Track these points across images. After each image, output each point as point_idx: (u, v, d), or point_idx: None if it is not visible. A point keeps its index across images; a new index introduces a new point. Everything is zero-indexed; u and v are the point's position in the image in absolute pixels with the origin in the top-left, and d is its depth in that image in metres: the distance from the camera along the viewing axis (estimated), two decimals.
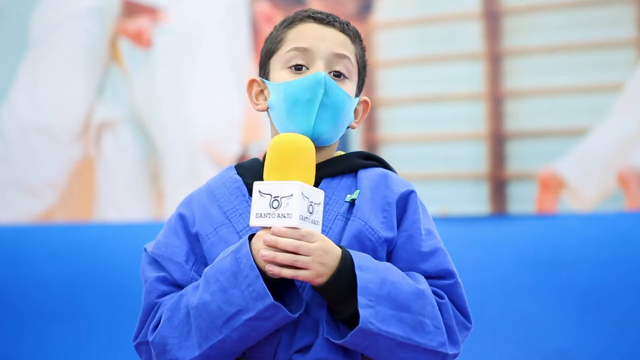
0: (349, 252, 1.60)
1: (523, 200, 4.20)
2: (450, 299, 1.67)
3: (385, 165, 1.82)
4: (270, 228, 1.56)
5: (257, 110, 1.80)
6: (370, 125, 4.40)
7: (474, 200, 4.24)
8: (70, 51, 4.70)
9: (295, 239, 1.55)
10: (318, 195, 1.59)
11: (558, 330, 3.97)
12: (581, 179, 4.14)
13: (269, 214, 1.55)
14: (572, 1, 4.20)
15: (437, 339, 1.61)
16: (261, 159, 1.80)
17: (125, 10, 4.66)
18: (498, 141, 4.26)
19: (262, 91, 1.79)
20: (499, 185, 4.25)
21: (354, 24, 1.81)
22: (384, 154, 4.36)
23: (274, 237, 1.55)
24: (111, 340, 4.30)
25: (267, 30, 1.80)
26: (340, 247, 1.61)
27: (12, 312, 4.45)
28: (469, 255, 4.04)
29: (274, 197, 1.55)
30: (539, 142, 4.22)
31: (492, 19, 4.27)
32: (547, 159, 4.17)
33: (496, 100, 4.26)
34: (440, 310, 1.64)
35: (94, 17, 4.69)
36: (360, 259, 1.60)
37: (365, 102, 1.83)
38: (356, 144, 4.38)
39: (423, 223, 1.72)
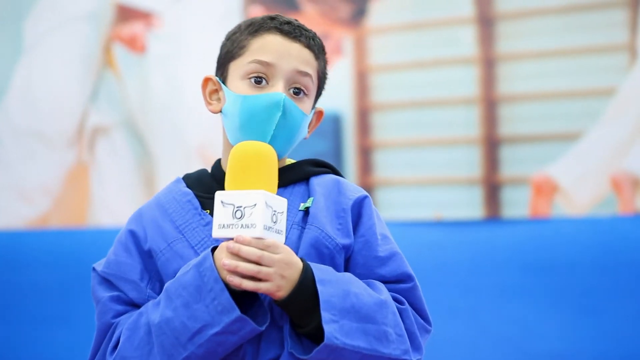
0: (309, 266, 1.57)
1: (517, 204, 4.21)
2: (409, 303, 1.66)
3: (336, 172, 1.77)
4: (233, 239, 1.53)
5: (210, 111, 1.77)
6: (364, 130, 4.40)
7: (468, 205, 4.25)
8: (64, 56, 4.70)
9: (259, 248, 1.52)
10: (281, 203, 1.55)
11: (552, 333, 3.97)
12: (575, 183, 4.15)
13: (232, 224, 1.52)
14: (566, 6, 4.21)
15: (400, 347, 1.60)
16: (209, 170, 1.78)
17: (119, 15, 4.66)
18: (492, 146, 4.27)
19: (216, 90, 1.76)
20: (492, 189, 4.26)
21: (348, 28, 1.79)
22: (378, 159, 4.37)
23: (237, 245, 1.51)
24: None
25: None
26: (301, 259, 1.58)
27: (7, 317, 4.45)
28: (463, 259, 4.05)
29: (237, 207, 1.52)
30: (532, 147, 4.23)
31: (486, 24, 4.28)
32: (541, 163, 4.18)
33: (490, 105, 4.27)
34: (401, 316, 1.63)
35: (88, 23, 4.69)
36: (321, 272, 1.57)
37: (320, 112, 1.79)
38: (350, 150, 4.39)
39: (378, 228, 1.70)
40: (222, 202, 1.53)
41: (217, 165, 1.77)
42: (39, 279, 4.47)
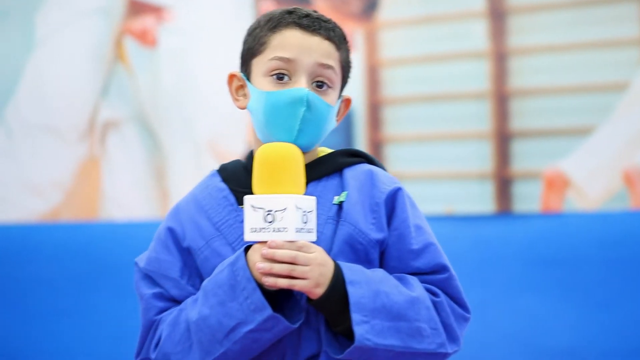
0: (339, 266, 1.59)
1: (528, 199, 4.20)
2: (446, 293, 1.66)
3: (371, 161, 1.78)
4: (266, 242, 1.55)
5: (237, 107, 1.78)
6: (374, 124, 4.40)
7: (479, 199, 4.24)
8: (75, 51, 4.70)
9: (292, 250, 1.54)
10: (310, 202, 1.57)
11: (563, 328, 3.97)
12: (586, 177, 4.14)
13: (264, 228, 1.54)
14: (577, 0, 4.20)
15: (435, 340, 1.61)
16: (243, 160, 1.78)
17: (130, 9, 4.67)
18: (503, 140, 4.26)
19: (242, 86, 1.77)
20: (504, 184, 4.25)
21: (358, 22, 1.78)
22: (389, 153, 4.36)
23: (271, 251, 1.53)
24: (117, 337, 4.30)
25: None
26: (332, 260, 1.60)
27: (19, 311, 4.46)
28: (474, 254, 4.04)
29: (267, 212, 1.54)
30: (544, 141, 4.22)
31: (497, 17, 4.27)
32: (552, 157, 4.17)
33: (501, 99, 4.26)
34: (436, 309, 1.63)
35: (100, 17, 4.69)
36: (351, 272, 1.59)
37: (347, 100, 1.79)
38: (360, 144, 4.39)
39: (412, 219, 1.70)
40: (252, 206, 1.55)
41: (250, 158, 1.75)
42: (50, 273, 4.48)
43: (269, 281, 1.54)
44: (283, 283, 1.54)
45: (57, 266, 4.49)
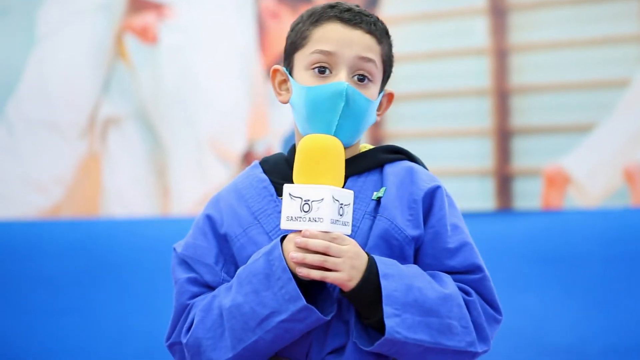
0: (374, 259, 1.59)
1: (529, 196, 4.20)
2: (478, 294, 1.68)
3: (412, 158, 1.80)
4: (301, 231, 1.56)
5: (280, 102, 1.78)
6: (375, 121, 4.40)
7: (480, 196, 4.24)
8: (76, 47, 4.71)
9: (326, 240, 1.55)
10: (348, 196, 1.58)
11: (564, 325, 3.97)
12: (587, 174, 4.14)
13: (300, 217, 1.55)
14: None
15: (465, 339, 1.62)
16: (285, 153, 1.79)
17: (131, 6, 4.67)
18: (504, 137, 4.26)
19: (285, 81, 1.77)
20: (504, 181, 4.25)
21: None
22: None
23: (304, 239, 1.54)
24: (118, 333, 4.31)
25: (273, 26, 1.78)
26: (366, 253, 1.60)
27: (20, 307, 4.46)
28: None
29: (305, 201, 1.55)
30: (545, 138, 4.22)
31: (498, 14, 4.26)
32: (553, 154, 4.17)
33: (502, 96, 4.26)
34: (468, 308, 1.64)
35: (100, 13, 4.69)
36: (385, 266, 1.60)
37: (390, 94, 1.81)
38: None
39: (449, 218, 1.71)
40: (290, 194, 1.56)
41: (292, 151, 1.77)
42: (51, 269, 4.48)
43: (302, 272, 1.55)
44: (316, 274, 1.55)
45: (57, 262, 4.49)
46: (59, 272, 4.48)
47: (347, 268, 1.56)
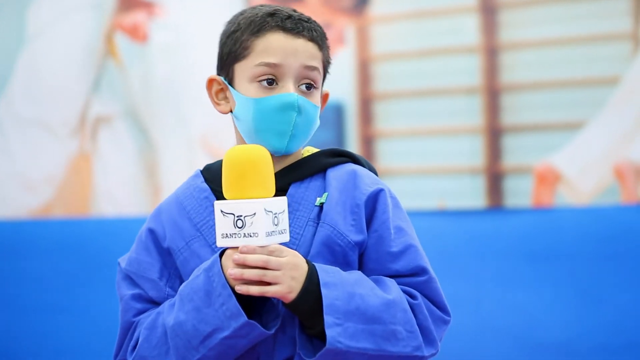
0: (315, 268, 1.57)
1: (520, 193, 4.21)
2: (425, 296, 1.65)
3: (356, 160, 1.75)
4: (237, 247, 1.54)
5: (219, 112, 1.75)
6: (366, 119, 4.40)
7: (471, 194, 4.24)
8: (66, 46, 4.70)
9: (264, 254, 1.53)
10: (281, 203, 1.55)
11: (555, 322, 3.98)
12: (578, 172, 4.15)
13: (235, 233, 1.52)
14: None
15: (411, 343, 1.59)
16: None
17: (121, 4, 4.66)
18: (495, 135, 4.26)
19: (222, 90, 1.74)
20: (495, 178, 4.25)
21: (350, 17, 1.76)
22: (381, 148, 4.36)
23: (242, 256, 1.52)
24: (109, 332, 4.30)
25: None
26: (307, 261, 1.58)
27: (10, 306, 4.46)
28: (465, 248, 4.05)
29: (237, 217, 1.53)
30: (535, 136, 4.23)
31: (489, 12, 4.27)
32: (544, 152, 4.18)
33: (493, 94, 4.27)
34: (414, 311, 1.61)
35: (91, 12, 4.68)
36: (326, 274, 1.57)
37: (325, 94, 1.76)
38: (352, 139, 4.39)
39: (393, 221, 1.68)
40: (222, 211, 1.53)
41: None
42: (42, 268, 4.47)
43: (242, 289, 1.52)
44: (255, 290, 1.52)
45: (48, 262, 4.48)
46: (50, 272, 4.47)
47: (286, 280, 1.53)
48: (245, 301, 1.55)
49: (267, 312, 1.59)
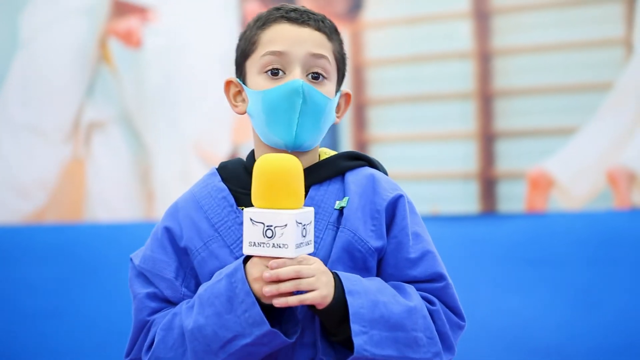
0: (338, 276, 1.58)
1: (513, 199, 4.22)
2: (442, 302, 1.66)
3: (373, 164, 1.76)
4: (263, 256, 1.53)
5: (236, 113, 1.74)
6: (360, 124, 4.40)
7: (464, 199, 4.25)
8: (60, 51, 4.69)
9: (294, 265, 1.53)
10: (309, 215, 1.55)
11: (548, 327, 3.98)
12: (571, 177, 4.16)
13: (263, 243, 1.51)
14: (562, 0, 4.21)
15: (431, 349, 1.61)
16: (244, 159, 1.76)
17: (115, 10, 4.66)
18: (488, 140, 4.27)
19: (239, 92, 1.73)
20: (488, 184, 4.26)
21: (344, 23, 1.76)
22: (374, 153, 4.37)
23: (275, 272, 1.51)
24: (103, 339, 4.29)
25: None
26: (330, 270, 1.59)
27: (3, 312, 4.45)
28: (459, 253, 4.05)
29: (267, 227, 1.51)
30: (528, 141, 4.23)
31: (482, 18, 4.28)
32: (537, 157, 4.18)
33: (486, 99, 4.27)
34: (432, 318, 1.63)
35: (84, 17, 4.68)
36: (350, 282, 1.58)
37: (347, 94, 1.77)
38: (346, 144, 4.39)
39: (411, 227, 1.69)
40: (251, 220, 1.52)
41: (251, 158, 1.74)
42: (35, 274, 4.47)
43: (279, 302, 1.52)
44: (294, 301, 1.52)
45: (41, 267, 4.47)
46: (43, 277, 4.46)
47: (320, 285, 1.54)
48: (266, 310, 1.55)
49: (287, 320, 1.59)
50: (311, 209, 1.56)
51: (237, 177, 1.71)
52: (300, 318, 1.60)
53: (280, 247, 1.51)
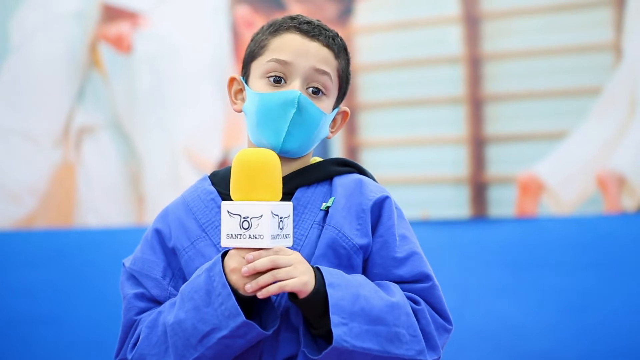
0: (319, 269, 1.59)
1: (503, 203, 4.22)
2: (427, 303, 1.67)
3: (361, 171, 1.79)
4: (241, 248, 1.56)
5: (234, 110, 1.78)
6: (350, 129, 4.41)
7: (455, 204, 4.25)
8: (50, 56, 4.69)
9: (270, 256, 1.55)
10: (287, 208, 1.57)
11: (539, 332, 3.98)
12: (561, 182, 4.16)
13: (240, 234, 1.54)
14: (551, 5, 4.22)
15: (414, 347, 1.61)
16: None
17: (105, 15, 4.65)
18: (478, 145, 4.27)
19: (241, 90, 1.77)
20: (479, 188, 4.26)
21: (334, 28, 1.77)
22: (365, 158, 4.37)
23: (251, 265, 1.54)
24: (93, 345, 4.29)
25: (247, 35, 1.78)
26: (310, 265, 1.61)
27: None
28: (449, 258, 4.06)
29: (244, 218, 1.54)
30: (518, 146, 4.24)
31: (472, 23, 4.29)
32: (527, 162, 4.19)
33: (476, 104, 4.28)
34: (416, 316, 1.63)
35: (74, 22, 4.68)
36: (331, 275, 1.59)
37: (345, 112, 1.79)
38: (336, 149, 4.39)
39: (398, 228, 1.70)
40: (228, 212, 1.55)
41: None
42: (25, 279, 4.46)
43: (262, 294, 1.54)
44: (274, 289, 1.54)
45: (32, 273, 4.46)
46: (34, 283, 4.45)
47: (299, 273, 1.55)
48: (246, 302, 1.57)
49: (267, 314, 1.60)
50: (289, 203, 1.59)
51: (226, 181, 1.72)
52: (284, 312, 1.61)
53: (256, 237, 1.54)
